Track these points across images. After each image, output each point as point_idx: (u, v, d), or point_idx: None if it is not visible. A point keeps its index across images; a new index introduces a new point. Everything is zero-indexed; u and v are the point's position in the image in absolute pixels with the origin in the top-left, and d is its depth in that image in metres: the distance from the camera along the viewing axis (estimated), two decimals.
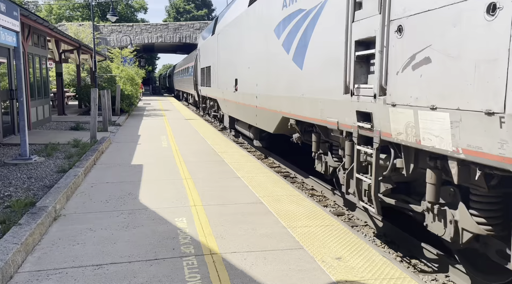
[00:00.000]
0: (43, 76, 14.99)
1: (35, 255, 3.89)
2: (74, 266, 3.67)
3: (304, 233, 4.52)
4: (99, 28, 40.40)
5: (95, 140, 10.40)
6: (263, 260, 3.83)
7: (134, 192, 6.12)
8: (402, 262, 4.82)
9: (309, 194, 7.57)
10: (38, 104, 13.90)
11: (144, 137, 12.00)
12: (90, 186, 6.45)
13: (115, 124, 15.37)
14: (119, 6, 60.49)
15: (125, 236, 4.38)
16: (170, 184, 6.60)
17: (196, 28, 41.58)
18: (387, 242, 5.33)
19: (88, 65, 27.21)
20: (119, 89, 19.49)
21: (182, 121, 16.79)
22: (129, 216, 5.04)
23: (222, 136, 12.48)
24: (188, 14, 70.14)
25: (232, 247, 4.11)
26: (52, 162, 7.94)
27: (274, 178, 7.10)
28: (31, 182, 6.44)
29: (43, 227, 4.42)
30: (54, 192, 5.50)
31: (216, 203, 5.61)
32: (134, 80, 23.07)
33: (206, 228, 4.65)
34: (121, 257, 3.85)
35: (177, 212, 5.19)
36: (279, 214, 5.14)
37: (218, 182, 6.76)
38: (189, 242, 4.23)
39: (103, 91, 14.21)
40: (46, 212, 4.66)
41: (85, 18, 54.92)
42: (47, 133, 12.30)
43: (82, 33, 32.94)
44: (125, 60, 28.72)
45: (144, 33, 41.40)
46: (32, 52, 13.41)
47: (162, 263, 3.75)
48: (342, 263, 3.78)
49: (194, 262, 3.78)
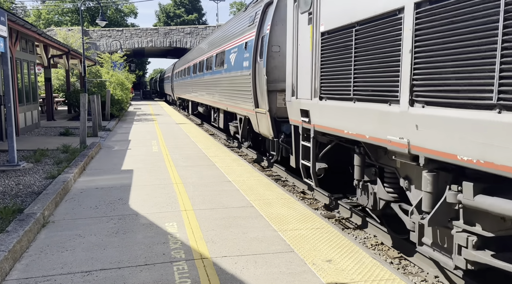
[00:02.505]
0: (32, 81, 14.85)
1: (23, 263, 3.84)
2: (63, 273, 3.63)
3: (295, 236, 4.53)
4: (89, 33, 40.18)
5: (84, 146, 10.32)
6: (253, 263, 3.83)
7: (124, 197, 6.08)
8: (392, 264, 4.85)
9: (300, 197, 7.59)
10: (26, 110, 13.76)
11: (135, 142, 11.94)
12: (79, 191, 6.40)
13: (105, 129, 15.27)
14: (109, 11, 60.25)
15: (114, 241, 4.35)
16: (161, 189, 6.57)
17: (186, 33, 41.56)
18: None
19: (77, 70, 27.05)
20: (109, 94, 19.40)
21: (173, 126, 16.74)
22: (119, 221, 5.00)
23: (213, 141, 12.47)
24: (178, 18, 70.12)
25: (223, 251, 4.10)
26: (41, 168, 7.86)
27: (265, 182, 7.11)
28: (19, 188, 6.36)
29: (31, 234, 4.37)
30: (43, 198, 5.44)
31: (207, 207, 5.60)
32: (124, 85, 22.97)
33: (197, 232, 4.63)
34: (111, 263, 3.82)
35: (167, 217, 5.16)
36: (270, 218, 5.14)
37: (209, 186, 6.75)
38: (180, 246, 4.22)
39: (92, 96, 14.12)
40: (34, 218, 4.61)
41: (74, 23, 54.62)
42: (35, 139, 12.17)
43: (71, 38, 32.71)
44: (115, 65, 28.58)
45: (134, 37, 41.27)
46: (20, 58, 13.29)
47: (152, 268, 3.72)
48: (332, 266, 3.79)
49: (184, 267, 3.76)
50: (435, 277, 4.45)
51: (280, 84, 8.07)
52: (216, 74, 13.73)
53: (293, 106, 6.50)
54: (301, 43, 6.12)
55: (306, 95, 5.94)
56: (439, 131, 3.34)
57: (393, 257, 5.00)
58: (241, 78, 10.09)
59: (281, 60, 7.95)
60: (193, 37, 41.31)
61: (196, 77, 18.74)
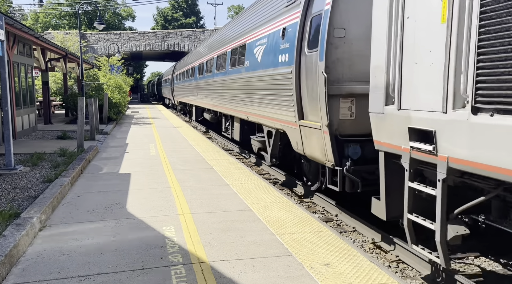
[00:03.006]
0: (29, 85, 14.82)
1: (19, 267, 3.82)
2: (60, 277, 3.61)
3: (293, 239, 4.52)
4: (86, 36, 40.17)
5: (82, 149, 10.29)
6: (251, 267, 3.82)
7: (121, 201, 6.07)
8: (390, 267, 4.85)
9: (298, 200, 7.59)
10: (23, 114, 13.73)
11: (132, 146, 11.91)
12: (76, 195, 6.38)
13: (102, 132, 15.24)
14: (107, 14, 60.29)
15: (112, 245, 4.33)
16: (158, 192, 6.55)
17: (184, 36, 41.60)
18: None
19: (75, 73, 27.01)
20: (107, 98, 19.37)
21: (170, 129, 16.72)
22: (116, 225, 4.99)
23: (211, 144, 12.46)
24: (176, 22, 70.19)
25: (220, 255, 4.09)
26: (37, 172, 7.83)
27: (263, 185, 7.10)
28: (16, 192, 6.34)
29: (28, 238, 4.35)
30: (40, 202, 5.42)
31: (204, 210, 5.59)
32: (122, 88, 22.95)
33: (195, 236, 4.62)
34: (108, 268, 3.80)
35: (165, 221, 5.15)
36: (268, 221, 5.14)
37: (207, 190, 6.74)
38: (177, 250, 4.20)
39: (90, 99, 14.10)
40: (31, 222, 4.59)
41: (72, 27, 54.61)
42: (33, 142, 12.14)
43: (69, 41, 32.71)
44: (112, 68, 28.56)
45: (132, 41, 41.27)
46: (18, 61, 13.27)
47: (150, 272, 3.71)
48: (330, 269, 3.79)
49: (182, 271, 3.75)
50: (432, 280, 4.44)
51: (345, 85, 5.83)
52: (231, 74, 11.34)
53: (391, 122, 4.26)
54: (413, 13, 3.93)
55: (426, 103, 3.76)
56: None
57: (391, 260, 5.00)
58: (274, 77, 7.70)
59: (347, 50, 5.83)
60: (191, 41, 41.36)
61: (202, 79, 16.49)
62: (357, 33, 5.78)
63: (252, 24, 9.64)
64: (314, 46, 6.21)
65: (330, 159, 5.84)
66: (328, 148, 5.80)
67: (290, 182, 8.52)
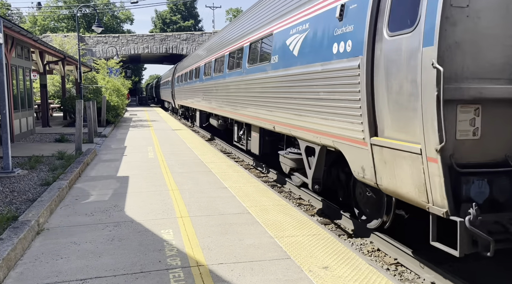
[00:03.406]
0: (27, 88, 14.80)
1: (17, 271, 3.80)
2: (58, 281, 3.60)
3: (291, 242, 4.52)
4: (85, 39, 40.20)
5: (80, 152, 10.27)
6: (250, 271, 3.82)
7: (119, 204, 6.05)
8: (389, 270, 4.84)
9: (297, 203, 7.58)
10: (21, 116, 13.70)
11: (130, 149, 11.90)
12: (74, 198, 6.36)
13: (100, 135, 15.22)
14: (105, 17, 60.35)
15: (110, 249, 4.32)
16: (157, 195, 6.54)
17: (182, 39, 41.67)
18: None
19: (73, 76, 27.01)
20: (105, 100, 19.36)
21: (169, 132, 16.72)
22: (114, 228, 4.97)
23: (209, 147, 12.45)
24: (174, 25, 70.31)
25: (219, 258, 4.09)
26: (35, 175, 7.81)
27: (262, 188, 7.10)
28: (14, 195, 6.32)
29: (25, 241, 4.34)
30: (37, 206, 5.40)
31: (203, 213, 5.58)
32: (120, 91, 22.94)
33: (193, 239, 4.61)
34: (106, 271, 3.79)
35: (163, 224, 5.14)
36: (266, 224, 5.13)
37: (205, 193, 6.73)
38: (176, 254, 4.19)
39: (88, 102, 14.09)
40: (29, 226, 4.58)
41: (70, 29, 54.64)
42: (30, 145, 12.11)
43: (67, 44, 32.74)
44: (111, 71, 28.56)
45: (130, 44, 41.32)
46: (16, 64, 13.25)
47: (148, 276, 3.70)
48: (329, 272, 3.79)
49: (180, 274, 3.74)
50: (431, 283, 4.44)
51: (468, 84, 3.71)
52: (250, 74, 9.12)
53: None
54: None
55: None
56: None
57: (390, 263, 4.99)
58: (324, 75, 5.61)
59: (472, 28, 3.68)
60: (189, 44, 41.43)
61: (209, 80, 14.35)
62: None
63: (283, 8, 7.44)
64: (404, 25, 4.09)
65: (439, 203, 3.67)
66: (438, 184, 3.64)
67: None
